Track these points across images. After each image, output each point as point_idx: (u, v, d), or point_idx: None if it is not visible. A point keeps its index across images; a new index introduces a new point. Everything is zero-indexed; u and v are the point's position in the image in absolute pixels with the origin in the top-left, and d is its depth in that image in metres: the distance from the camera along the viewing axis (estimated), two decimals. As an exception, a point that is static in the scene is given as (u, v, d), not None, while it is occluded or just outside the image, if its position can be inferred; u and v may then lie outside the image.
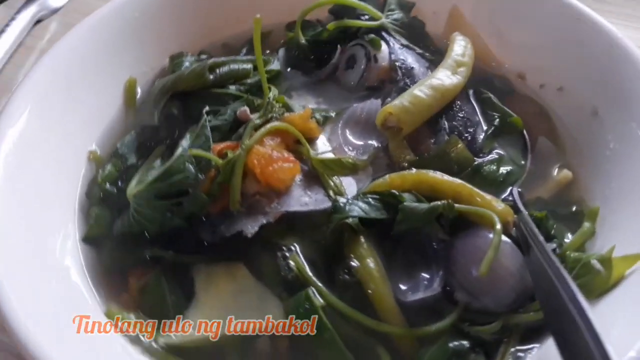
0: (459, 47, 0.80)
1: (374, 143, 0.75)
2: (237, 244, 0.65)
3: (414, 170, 0.69)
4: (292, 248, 0.65)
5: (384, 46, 0.81)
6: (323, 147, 0.74)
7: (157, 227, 0.66)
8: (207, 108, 0.73)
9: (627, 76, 0.70)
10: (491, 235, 0.61)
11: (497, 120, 0.77)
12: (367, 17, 0.84)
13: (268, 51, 0.88)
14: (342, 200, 0.67)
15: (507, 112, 0.78)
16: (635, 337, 0.50)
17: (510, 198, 0.68)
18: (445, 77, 0.75)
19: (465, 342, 0.58)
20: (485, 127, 0.77)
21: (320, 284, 0.62)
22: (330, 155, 0.72)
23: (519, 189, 0.70)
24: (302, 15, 0.84)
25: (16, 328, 0.53)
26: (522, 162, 0.74)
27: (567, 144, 0.76)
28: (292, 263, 0.63)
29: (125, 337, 0.59)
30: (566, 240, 0.65)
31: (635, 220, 0.63)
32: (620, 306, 0.55)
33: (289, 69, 0.85)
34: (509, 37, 0.84)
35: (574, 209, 0.69)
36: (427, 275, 0.63)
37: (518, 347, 0.58)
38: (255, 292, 0.63)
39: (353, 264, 0.63)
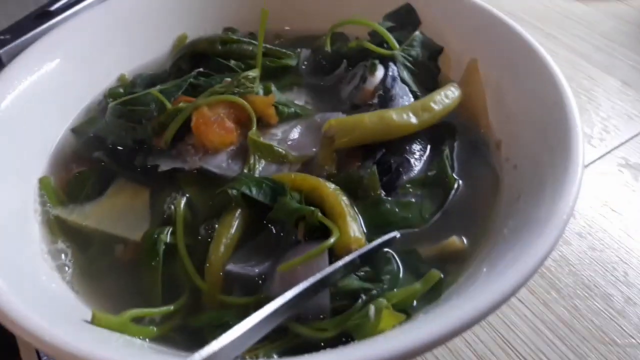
0: (438, 95, 0.80)
1: (315, 149, 0.80)
2: (154, 174, 0.78)
3: (320, 179, 0.74)
4: (186, 195, 0.76)
5: (379, 72, 0.86)
6: (271, 134, 0.82)
7: (114, 139, 0.83)
8: (200, 69, 0.87)
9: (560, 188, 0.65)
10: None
11: (434, 172, 0.77)
12: (387, 45, 0.89)
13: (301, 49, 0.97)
14: (243, 174, 0.75)
15: (446, 169, 0.76)
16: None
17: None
18: (399, 114, 0.77)
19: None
20: (417, 173, 0.77)
21: (181, 227, 0.72)
22: (270, 142, 0.80)
23: (397, 235, 0.70)
24: (332, 28, 0.93)
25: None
26: (427, 217, 0.73)
27: (482, 216, 0.72)
28: (174, 205, 0.75)
29: (39, 200, 0.77)
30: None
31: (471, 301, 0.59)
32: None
33: (304, 67, 0.94)
34: (506, 103, 0.81)
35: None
36: (259, 260, 0.69)
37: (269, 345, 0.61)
38: (139, 213, 0.76)
39: (216, 225, 0.72)
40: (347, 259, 0.63)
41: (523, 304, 0.82)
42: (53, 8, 1.21)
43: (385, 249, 0.68)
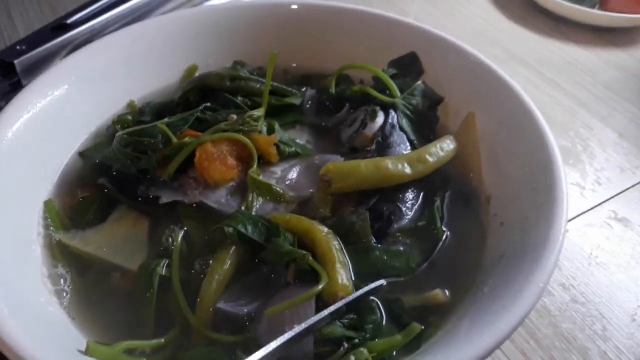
0: (434, 147, 0.83)
1: (312, 190, 0.83)
2: (154, 204, 0.81)
3: (314, 222, 0.77)
4: (184, 228, 0.79)
5: (379, 118, 0.89)
6: (271, 172, 0.85)
7: (119, 167, 0.86)
8: (207, 103, 0.90)
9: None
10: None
11: (424, 222, 0.80)
12: (389, 91, 0.93)
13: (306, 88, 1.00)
14: (240, 212, 0.78)
15: (436, 221, 0.79)
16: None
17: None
18: (394, 164, 0.80)
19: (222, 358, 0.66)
20: (407, 222, 0.80)
21: (176, 261, 0.74)
22: (269, 180, 0.83)
23: (384, 283, 0.73)
24: (337, 71, 0.97)
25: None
26: (414, 266, 0.76)
27: (466, 271, 0.75)
28: (172, 237, 0.78)
29: (43, 223, 0.80)
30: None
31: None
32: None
33: (308, 106, 0.97)
34: (499, 159, 0.84)
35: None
36: (249, 299, 0.71)
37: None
38: (137, 242, 0.79)
39: (211, 261, 0.75)
40: (332, 308, 0.66)
41: (501, 351, 0.84)
42: (69, 21, 1.25)
43: (371, 297, 0.71)
